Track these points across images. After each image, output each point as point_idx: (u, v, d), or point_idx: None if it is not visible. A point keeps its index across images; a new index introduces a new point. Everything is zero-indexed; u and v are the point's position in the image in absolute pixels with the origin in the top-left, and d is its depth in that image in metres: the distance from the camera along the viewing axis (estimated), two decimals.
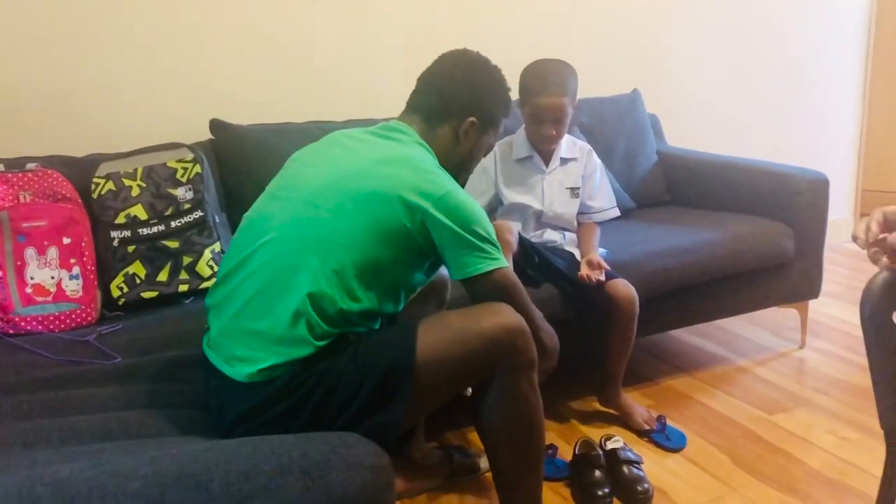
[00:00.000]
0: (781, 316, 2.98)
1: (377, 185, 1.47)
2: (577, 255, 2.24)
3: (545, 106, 2.12)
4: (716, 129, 3.50)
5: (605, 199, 2.36)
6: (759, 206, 2.68)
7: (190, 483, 1.15)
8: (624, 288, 2.13)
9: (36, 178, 2.05)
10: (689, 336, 2.92)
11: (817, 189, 2.59)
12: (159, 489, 1.13)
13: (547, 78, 2.12)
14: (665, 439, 2.14)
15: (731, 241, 2.48)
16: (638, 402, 2.30)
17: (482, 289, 1.53)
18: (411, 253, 1.50)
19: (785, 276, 2.62)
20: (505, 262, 1.55)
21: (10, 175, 2.04)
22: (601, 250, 2.28)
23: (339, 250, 1.43)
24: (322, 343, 1.42)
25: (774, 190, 2.65)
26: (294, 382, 1.40)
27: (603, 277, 2.10)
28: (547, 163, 2.28)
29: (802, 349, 2.77)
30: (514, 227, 2.11)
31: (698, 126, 3.45)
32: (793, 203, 2.59)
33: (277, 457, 1.22)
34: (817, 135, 3.83)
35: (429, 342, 1.43)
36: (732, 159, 2.90)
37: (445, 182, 1.51)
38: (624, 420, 2.25)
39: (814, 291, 2.70)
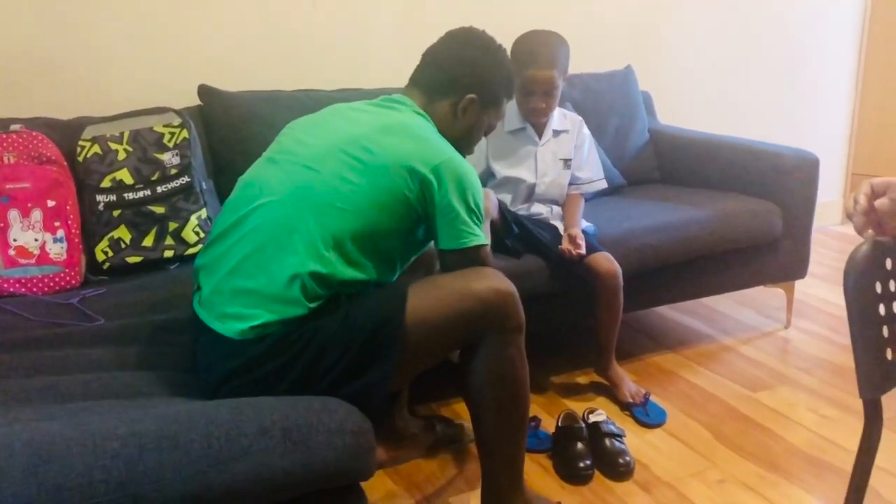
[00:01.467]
0: (767, 296, 2.99)
1: (377, 152, 1.48)
2: (562, 229, 2.24)
3: (535, 79, 2.11)
4: (708, 107, 3.49)
5: (593, 170, 2.36)
6: (748, 184, 2.67)
7: (169, 444, 1.14)
8: (606, 262, 2.13)
9: (20, 140, 2.02)
10: (674, 313, 2.93)
11: (807, 168, 2.59)
12: (138, 449, 1.13)
13: (537, 50, 2.11)
14: (644, 415, 2.15)
15: (719, 219, 2.48)
16: None
17: (460, 261, 1.53)
18: (408, 221, 1.51)
19: (772, 256, 2.63)
20: (486, 239, 1.56)
21: None
22: (588, 225, 2.29)
23: (338, 215, 1.44)
24: (314, 304, 1.42)
25: (764, 169, 2.65)
26: (285, 341, 1.40)
27: (583, 251, 2.11)
28: (540, 135, 2.27)
29: (787, 329, 2.79)
30: (491, 193, 2.10)
31: (691, 104, 3.43)
32: (782, 182, 2.60)
33: (259, 419, 1.21)
34: (809, 117, 3.83)
35: (418, 302, 1.43)
36: (723, 138, 2.89)
37: (445, 149, 1.53)
38: (612, 391, 2.26)
39: (801, 272, 2.71)
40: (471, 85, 1.64)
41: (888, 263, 0.98)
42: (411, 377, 1.60)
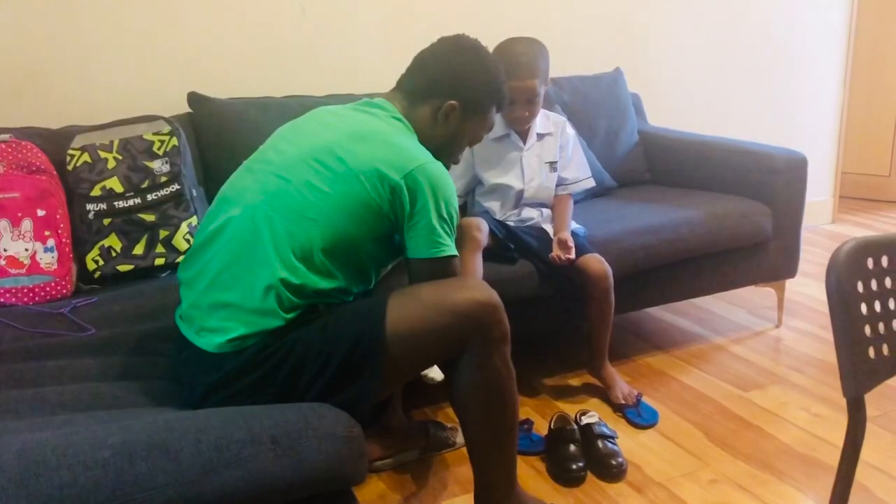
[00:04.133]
0: (758, 295, 3.00)
1: (347, 160, 1.46)
2: (552, 232, 2.25)
3: (515, 89, 2.09)
4: (697, 108, 3.51)
5: (579, 170, 2.36)
6: (737, 185, 2.69)
7: (159, 452, 1.15)
8: (596, 263, 2.14)
9: (10, 150, 2.02)
10: (666, 314, 2.94)
11: (795, 168, 2.61)
12: (128, 458, 1.13)
13: (516, 60, 2.10)
14: (637, 416, 2.16)
15: (708, 220, 2.49)
16: None
17: (429, 271, 1.51)
18: (381, 228, 1.49)
19: (762, 256, 2.64)
20: (455, 251, 1.54)
21: None
22: (578, 227, 2.29)
23: (307, 225, 1.43)
24: (291, 315, 1.42)
25: (753, 169, 2.67)
26: (264, 353, 1.40)
27: (573, 256, 2.12)
28: (524, 140, 2.28)
29: (779, 328, 2.80)
30: (483, 224, 2.10)
31: (680, 106, 3.45)
32: (771, 182, 2.61)
33: (248, 426, 1.22)
34: (798, 116, 3.85)
35: (398, 315, 1.42)
36: (712, 138, 2.91)
37: (418, 155, 1.50)
38: (605, 392, 2.27)
39: (791, 271, 2.73)
40: (452, 90, 1.61)
41: (870, 262, 0.99)
42: (397, 387, 1.59)
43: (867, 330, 0.98)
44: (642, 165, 3.03)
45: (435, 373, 1.68)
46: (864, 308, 0.97)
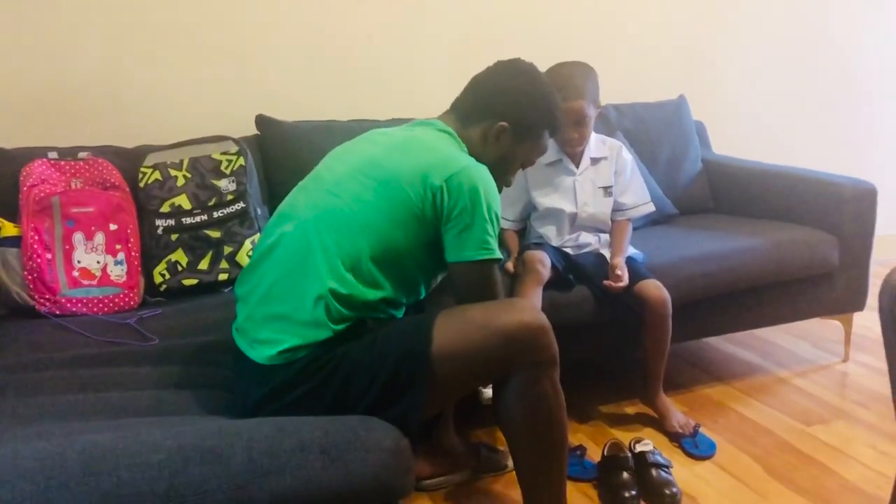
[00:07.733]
0: (824, 328, 2.91)
1: (390, 168, 1.50)
2: (609, 257, 2.23)
3: (564, 109, 2.08)
4: (763, 137, 3.45)
5: (637, 195, 2.34)
6: (803, 214, 2.63)
7: (212, 456, 1.18)
8: (654, 289, 2.11)
9: (87, 167, 2.13)
10: (727, 344, 2.87)
11: (864, 198, 2.54)
12: (182, 461, 1.17)
13: (564, 82, 2.10)
14: (693, 447, 2.11)
15: (772, 249, 2.44)
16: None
17: (468, 275, 1.51)
18: (425, 236, 1.50)
19: (829, 287, 2.57)
20: (500, 255, 1.53)
21: (62, 163, 2.12)
22: (636, 252, 2.27)
23: (355, 235, 1.46)
24: (340, 327, 1.45)
25: (819, 198, 2.60)
26: (313, 366, 1.43)
27: (623, 283, 2.09)
28: (577, 164, 2.28)
29: (845, 362, 2.71)
30: (546, 259, 2.10)
31: (745, 134, 3.40)
32: (838, 212, 2.54)
33: (298, 436, 1.25)
34: (870, 148, 3.74)
35: (446, 335, 1.42)
36: (777, 167, 2.85)
37: (461, 160, 1.51)
38: (660, 421, 2.23)
39: (858, 304, 2.64)
40: (503, 113, 1.63)
41: None
42: (444, 406, 1.59)
43: None
44: (706, 193, 2.99)
45: (490, 391, 1.68)
46: None
